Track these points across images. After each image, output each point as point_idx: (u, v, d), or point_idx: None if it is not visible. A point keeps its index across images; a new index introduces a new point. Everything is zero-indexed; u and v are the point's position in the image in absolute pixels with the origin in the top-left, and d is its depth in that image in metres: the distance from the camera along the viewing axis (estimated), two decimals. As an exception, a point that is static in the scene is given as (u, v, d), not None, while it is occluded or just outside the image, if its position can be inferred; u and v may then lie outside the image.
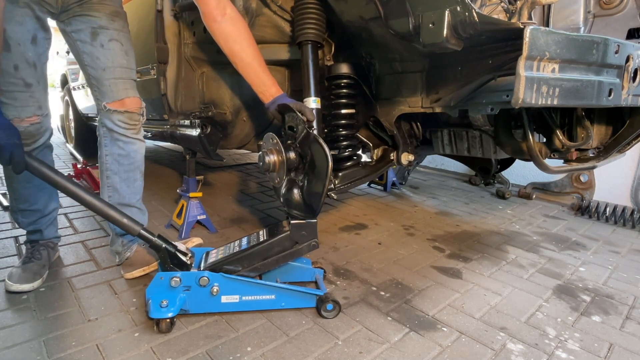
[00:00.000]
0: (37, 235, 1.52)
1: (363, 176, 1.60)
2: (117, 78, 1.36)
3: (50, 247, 1.54)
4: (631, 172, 2.47)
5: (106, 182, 1.45)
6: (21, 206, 1.44)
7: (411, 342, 1.16)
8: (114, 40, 1.34)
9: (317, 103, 1.33)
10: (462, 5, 0.87)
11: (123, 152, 1.42)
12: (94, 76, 1.36)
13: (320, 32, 1.33)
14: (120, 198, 1.45)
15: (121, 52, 1.37)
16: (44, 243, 1.52)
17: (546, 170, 1.36)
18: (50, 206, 1.51)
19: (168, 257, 1.22)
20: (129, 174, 1.45)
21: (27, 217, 1.47)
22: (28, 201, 1.44)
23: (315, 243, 1.29)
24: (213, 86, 1.70)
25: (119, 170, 1.43)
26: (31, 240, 1.52)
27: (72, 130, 4.06)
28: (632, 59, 1.05)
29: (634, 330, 1.27)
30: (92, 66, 1.34)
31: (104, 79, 1.35)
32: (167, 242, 1.24)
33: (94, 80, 1.37)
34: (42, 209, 1.48)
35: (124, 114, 1.38)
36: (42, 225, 1.51)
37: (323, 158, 1.15)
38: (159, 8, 1.64)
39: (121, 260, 1.53)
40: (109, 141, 1.41)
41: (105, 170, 1.44)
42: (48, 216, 1.52)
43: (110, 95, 1.36)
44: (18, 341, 1.10)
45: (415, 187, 3.08)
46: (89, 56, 1.33)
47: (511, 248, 1.91)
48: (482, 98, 1.17)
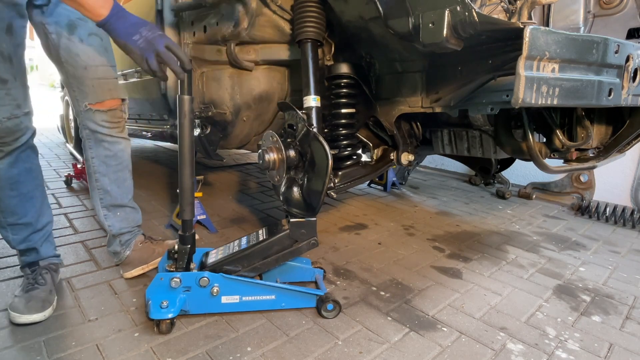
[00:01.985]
0: (32, 255, 1.34)
1: (363, 175, 1.60)
2: (100, 78, 1.29)
3: (52, 270, 1.37)
4: (631, 172, 2.47)
5: (95, 185, 1.41)
6: (9, 219, 1.28)
7: (411, 342, 1.16)
8: (94, 35, 1.26)
9: (317, 101, 1.32)
10: (462, 5, 0.87)
11: (109, 153, 1.37)
12: (73, 75, 1.27)
13: (320, 31, 1.33)
14: (112, 199, 1.42)
15: (101, 48, 1.29)
16: (44, 265, 1.35)
17: (546, 170, 1.36)
18: (43, 219, 1.35)
19: (186, 256, 1.22)
20: (118, 175, 1.41)
21: (18, 233, 1.30)
22: (16, 213, 1.28)
23: (315, 241, 1.29)
24: (213, 86, 1.70)
25: (107, 171, 1.39)
26: (29, 264, 1.34)
27: (72, 130, 4.06)
28: (632, 58, 1.05)
29: (634, 330, 1.27)
30: (71, 64, 1.26)
31: (86, 79, 1.27)
32: (195, 243, 1.25)
33: (73, 80, 1.28)
34: (33, 222, 1.31)
35: (107, 112, 1.32)
36: (36, 243, 1.34)
37: (323, 155, 1.15)
38: (158, 8, 1.64)
39: (120, 259, 1.50)
40: (93, 143, 1.35)
41: (93, 173, 1.39)
42: (41, 231, 1.35)
43: (93, 96, 1.29)
44: (18, 341, 1.10)
45: (415, 187, 3.08)
46: (66, 52, 1.24)
47: (511, 248, 1.91)
48: (482, 98, 1.17)
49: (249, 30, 1.43)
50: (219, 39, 1.50)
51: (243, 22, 1.41)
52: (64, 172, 3.15)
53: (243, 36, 1.46)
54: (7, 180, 1.23)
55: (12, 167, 1.23)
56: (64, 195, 2.56)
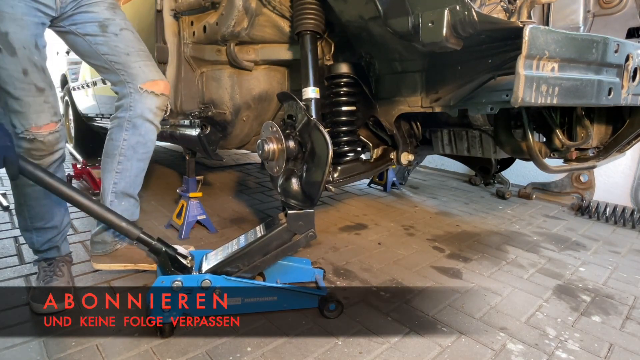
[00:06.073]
0: (53, 252, 1.40)
1: (362, 172, 1.59)
2: (144, 60, 1.34)
3: (68, 262, 1.43)
4: (631, 172, 2.47)
5: (115, 167, 1.39)
6: (37, 224, 1.33)
7: (411, 342, 1.16)
8: (125, 29, 1.32)
9: (316, 93, 1.31)
10: (462, 5, 0.87)
11: (142, 140, 1.38)
12: (118, 62, 1.31)
13: (319, 23, 1.32)
14: (125, 187, 1.42)
15: (135, 39, 1.34)
16: (60, 258, 1.41)
17: (546, 170, 1.36)
18: (65, 220, 1.41)
19: (169, 261, 1.21)
20: (140, 164, 1.42)
21: (43, 236, 1.35)
22: (44, 219, 1.32)
23: (313, 233, 1.27)
24: (213, 86, 1.70)
25: (132, 157, 1.39)
26: (46, 259, 1.39)
27: (72, 130, 4.06)
28: (632, 58, 1.04)
29: (634, 330, 1.27)
30: (113, 53, 1.30)
31: (131, 62, 1.31)
32: (167, 245, 1.23)
33: (119, 66, 1.31)
34: (58, 225, 1.37)
35: (159, 97, 1.35)
36: (59, 242, 1.40)
37: (323, 145, 1.14)
38: (158, 8, 1.64)
39: (105, 251, 1.47)
40: (131, 126, 1.35)
41: (118, 155, 1.37)
42: (63, 231, 1.41)
43: (142, 76, 1.32)
44: (18, 341, 1.10)
45: (415, 187, 3.08)
46: (106, 46, 1.29)
47: (511, 248, 1.91)
48: (481, 97, 1.17)
49: (249, 30, 1.43)
50: (218, 39, 1.50)
51: (243, 22, 1.41)
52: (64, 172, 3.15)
53: (243, 36, 1.46)
54: (44, 191, 1.25)
55: None
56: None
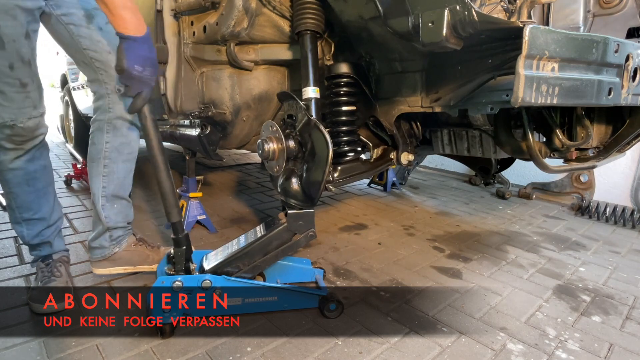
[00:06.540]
0: (46, 248, 1.40)
1: (362, 172, 1.59)
2: None
3: (65, 262, 1.43)
4: (631, 172, 2.47)
5: (102, 171, 1.38)
6: (24, 215, 1.34)
7: (411, 342, 1.16)
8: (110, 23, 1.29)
9: (316, 92, 1.31)
10: (462, 5, 0.87)
11: (125, 140, 1.38)
12: (97, 59, 1.29)
13: (319, 23, 1.32)
14: (114, 189, 1.41)
15: None
16: (57, 259, 1.40)
17: (546, 170, 1.36)
18: (55, 215, 1.41)
19: (183, 259, 1.20)
20: (126, 164, 1.42)
21: (32, 228, 1.36)
22: (31, 208, 1.34)
23: (313, 233, 1.27)
24: (213, 86, 1.70)
25: (118, 159, 1.39)
26: (43, 257, 1.39)
27: (72, 130, 4.06)
28: (632, 58, 1.04)
29: (634, 330, 1.27)
30: (95, 49, 1.28)
31: (112, 62, 1.27)
32: (189, 245, 1.23)
33: (99, 64, 1.29)
34: (47, 217, 1.37)
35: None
36: (49, 237, 1.39)
37: (323, 145, 1.14)
38: (158, 8, 1.64)
39: (104, 256, 1.46)
40: (111, 128, 1.35)
41: (103, 158, 1.37)
42: (53, 226, 1.40)
43: None
44: (18, 341, 1.10)
45: (415, 187, 3.08)
46: (88, 40, 1.26)
47: (511, 248, 1.91)
48: (481, 97, 1.17)
49: (249, 30, 1.43)
50: (218, 39, 1.50)
51: (242, 22, 1.41)
52: (64, 172, 3.15)
53: (242, 36, 1.45)
54: (24, 176, 1.28)
55: (30, 163, 1.29)
56: (64, 196, 2.56)
